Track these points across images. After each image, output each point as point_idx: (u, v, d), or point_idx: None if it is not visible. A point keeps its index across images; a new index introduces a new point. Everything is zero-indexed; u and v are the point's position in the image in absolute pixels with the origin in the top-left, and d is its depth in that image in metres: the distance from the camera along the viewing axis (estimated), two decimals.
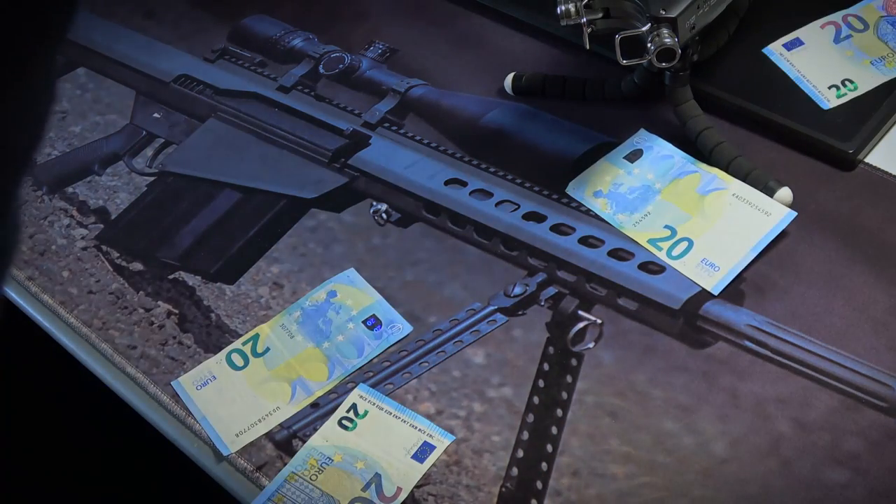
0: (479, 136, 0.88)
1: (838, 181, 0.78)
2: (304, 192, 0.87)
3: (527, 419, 0.70)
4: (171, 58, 1.01)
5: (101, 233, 0.87)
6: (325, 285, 0.80)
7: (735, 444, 0.67)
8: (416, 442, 0.69)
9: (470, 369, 0.73)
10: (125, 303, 0.82)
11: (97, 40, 1.04)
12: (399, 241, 0.82)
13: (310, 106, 0.93)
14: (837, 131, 0.79)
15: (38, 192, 0.91)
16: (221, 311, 0.80)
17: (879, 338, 0.69)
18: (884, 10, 0.86)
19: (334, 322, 0.77)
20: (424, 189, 0.85)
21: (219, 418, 0.73)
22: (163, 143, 0.94)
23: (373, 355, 0.75)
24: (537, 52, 0.93)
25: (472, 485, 0.68)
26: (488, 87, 0.91)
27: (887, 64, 0.82)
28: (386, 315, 0.77)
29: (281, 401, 0.74)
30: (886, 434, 0.65)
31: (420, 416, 0.71)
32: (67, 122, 0.97)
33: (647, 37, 0.73)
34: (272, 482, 0.69)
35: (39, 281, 0.84)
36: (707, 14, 0.75)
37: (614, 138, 0.83)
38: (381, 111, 0.92)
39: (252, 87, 0.97)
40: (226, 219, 0.86)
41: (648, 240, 0.76)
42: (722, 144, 0.79)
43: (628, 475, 0.66)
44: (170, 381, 0.76)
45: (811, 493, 0.64)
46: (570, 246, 0.78)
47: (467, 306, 0.77)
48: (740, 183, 0.78)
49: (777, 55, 0.84)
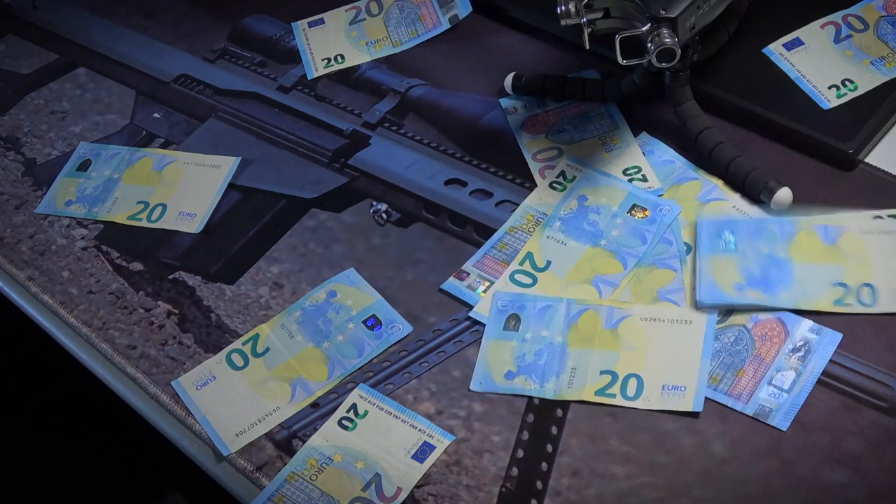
0: (479, 136, 0.88)
1: (838, 181, 0.78)
2: (304, 192, 0.87)
3: (527, 419, 0.70)
4: (171, 58, 1.01)
5: (101, 233, 0.87)
6: (325, 285, 0.80)
7: (735, 444, 0.67)
8: (416, 442, 0.69)
9: (470, 369, 0.73)
10: (125, 303, 0.82)
11: (97, 40, 1.04)
12: (399, 241, 0.82)
13: (310, 106, 0.94)
14: (837, 131, 0.79)
15: (37, 193, 0.91)
16: (221, 311, 0.80)
17: (879, 338, 0.69)
18: (884, 10, 0.86)
19: (334, 322, 0.77)
20: (424, 189, 0.85)
21: (219, 418, 0.73)
22: (163, 142, 0.94)
23: (373, 355, 0.75)
24: (537, 52, 0.93)
25: (472, 485, 0.68)
26: (488, 87, 0.91)
27: (887, 64, 0.82)
28: (386, 315, 0.77)
29: (281, 401, 0.74)
30: (886, 434, 0.65)
31: (420, 416, 0.71)
32: (67, 122, 0.97)
33: (647, 37, 0.73)
34: (272, 482, 0.69)
35: (39, 281, 0.84)
36: (707, 14, 0.75)
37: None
38: (381, 111, 0.92)
39: (252, 87, 0.97)
40: (226, 219, 0.86)
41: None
42: (722, 144, 0.79)
43: (628, 475, 0.66)
44: (170, 381, 0.76)
45: (811, 493, 0.64)
46: None
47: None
48: (739, 196, 0.78)
49: (777, 55, 0.84)
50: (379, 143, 0.89)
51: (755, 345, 0.70)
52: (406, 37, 0.96)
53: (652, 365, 0.70)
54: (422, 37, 0.96)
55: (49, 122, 0.97)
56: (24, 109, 0.99)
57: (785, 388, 0.68)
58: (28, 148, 0.95)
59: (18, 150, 0.95)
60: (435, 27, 0.96)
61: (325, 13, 1.00)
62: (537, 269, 0.77)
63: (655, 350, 0.71)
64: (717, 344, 0.70)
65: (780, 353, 0.69)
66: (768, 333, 0.70)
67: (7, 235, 0.88)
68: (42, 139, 0.96)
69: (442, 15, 0.96)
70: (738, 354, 0.70)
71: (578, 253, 0.77)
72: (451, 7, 0.97)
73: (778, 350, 0.69)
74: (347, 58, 0.96)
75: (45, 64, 1.03)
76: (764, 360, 0.69)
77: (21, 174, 0.93)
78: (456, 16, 0.97)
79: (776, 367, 0.69)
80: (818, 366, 0.68)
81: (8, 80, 1.02)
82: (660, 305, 0.73)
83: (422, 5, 0.97)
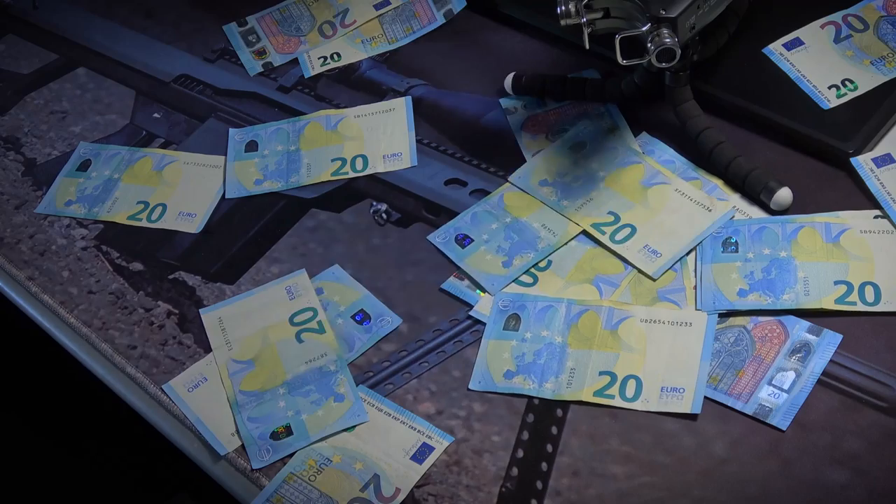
0: (479, 136, 0.88)
1: (838, 181, 0.78)
2: (304, 192, 0.87)
3: (527, 419, 0.70)
4: (171, 58, 1.01)
5: (101, 233, 0.87)
6: (312, 282, 0.80)
7: (735, 444, 0.67)
8: (415, 443, 0.69)
9: (470, 369, 0.73)
10: (125, 303, 0.82)
11: (97, 40, 1.04)
12: (399, 241, 0.82)
13: (310, 106, 0.93)
14: (837, 131, 0.79)
15: (37, 193, 0.91)
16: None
17: (879, 338, 0.69)
18: (884, 10, 0.86)
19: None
20: (424, 189, 0.85)
21: (212, 419, 0.73)
22: (163, 142, 0.94)
23: (364, 349, 0.75)
24: (537, 51, 0.93)
25: (472, 485, 0.68)
26: (488, 87, 0.91)
27: (887, 64, 0.82)
28: (374, 309, 0.77)
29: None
30: (886, 434, 0.65)
31: (419, 417, 0.71)
32: (67, 122, 0.97)
33: (647, 37, 0.73)
34: (271, 483, 0.69)
35: (39, 281, 0.84)
36: (707, 14, 0.75)
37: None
38: None
39: (252, 87, 0.97)
40: (226, 219, 0.86)
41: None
42: (722, 144, 0.79)
43: (628, 475, 0.66)
44: (169, 381, 0.76)
45: (811, 494, 0.64)
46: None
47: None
48: (739, 196, 0.78)
49: (777, 55, 0.84)
50: None
51: (755, 345, 0.70)
52: (401, 33, 0.96)
53: (651, 366, 0.70)
54: (417, 33, 0.97)
55: (49, 122, 0.97)
56: (24, 109, 0.99)
57: (785, 387, 0.68)
58: (28, 148, 0.95)
59: (18, 150, 0.95)
60: (430, 22, 0.97)
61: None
62: (538, 269, 0.77)
63: (655, 352, 0.71)
64: (717, 344, 0.70)
65: (779, 353, 0.69)
66: (768, 335, 0.70)
67: (7, 235, 0.88)
68: (42, 139, 0.96)
69: (436, 10, 0.97)
70: (737, 355, 0.70)
71: (579, 253, 0.77)
72: (445, 2, 0.98)
73: (778, 351, 0.69)
74: (343, 56, 0.96)
75: (45, 64, 1.03)
76: (764, 361, 0.69)
77: (21, 174, 0.93)
78: (451, 10, 0.97)
79: (776, 368, 0.69)
80: (818, 366, 0.68)
81: (8, 80, 1.02)
82: (660, 306, 0.73)
83: (416, 2, 0.98)
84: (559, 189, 0.81)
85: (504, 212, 0.80)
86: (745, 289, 0.72)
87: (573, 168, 0.82)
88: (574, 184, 0.80)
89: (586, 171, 0.81)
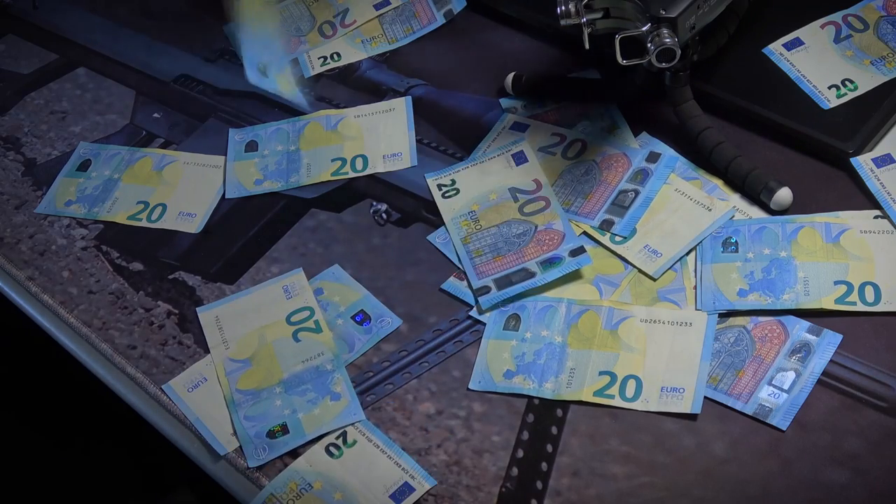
0: (479, 136, 0.88)
1: (838, 181, 0.78)
2: (303, 191, 0.87)
3: (527, 419, 0.70)
4: (171, 58, 1.01)
5: (101, 233, 0.87)
6: (312, 282, 0.80)
7: (735, 444, 0.67)
8: (396, 481, 0.68)
9: (470, 369, 0.73)
10: (125, 303, 0.82)
11: (97, 40, 1.04)
12: (399, 241, 0.82)
13: (310, 106, 0.93)
14: (837, 131, 0.79)
15: (37, 193, 0.91)
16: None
17: (879, 338, 0.69)
18: (884, 10, 0.86)
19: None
20: (424, 189, 0.85)
21: (212, 419, 0.73)
22: (163, 142, 0.94)
23: (364, 350, 0.75)
24: (537, 52, 0.93)
25: (472, 485, 0.68)
26: (488, 87, 0.91)
27: (887, 64, 0.82)
28: (374, 309, 0.77)
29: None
30: (886, 434, 0.65)
31: (407, 454, 0.69)
32: (67, 122, 0.97)
33: (647, 37, 0.73)
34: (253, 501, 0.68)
35: (39, 281, 0.84)
36: (707, 14, 0.75)
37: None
38: None
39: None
40: (226, 219, 0.86)
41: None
42: (722, 144, 0.79)
43: (628, 475, 0.66)
44: (169, 381, 0.76)
45: (811, 494, 0.64)
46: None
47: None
48: (739, 196, 0.78)
49: (777, 55, 0.84)
50: None
51: (755, 345, 0.70)
52: (401, 33, 0.96)
53: (651, 366, 0.70)
54: (417, 33, 0.97)
55: (49, 122, 0.97)
56: (24, 109, 0.99)
57: (785, 387, 0.68)
58: (28, 148, 0.95)
59: (18, 150, 0.95)
60: (430, 23, 0.97)
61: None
62: None
63: (655, 352, 0.71)
64: (717, 344, 0.70)
65: (779, 353, 0.69)
66: (768, 335, 0.70)
67: (7, 235, 0.88)
68: (42, 139, 0.96)
69: (436, 10, 0.97)
70: (737, 355, 0.70)
71: None
72: (445, 2, 0.98)
73: (778, 351, 0.69)
74: (343, 56, 0.96)
75: (45, 64, 1.03)
76: (764, 361, 0.69)
77: (21, 174, 0.93)
78: (451, 10, 0.97)
79: (776, 368, 0.69)
80: (818, 366, 0.68)
81: (8, 80, 1.02)
82: (660, 306, 0.73)
83: (416, 2, 0.98)
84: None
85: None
86: (745, 289, 0.72)
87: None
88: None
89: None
